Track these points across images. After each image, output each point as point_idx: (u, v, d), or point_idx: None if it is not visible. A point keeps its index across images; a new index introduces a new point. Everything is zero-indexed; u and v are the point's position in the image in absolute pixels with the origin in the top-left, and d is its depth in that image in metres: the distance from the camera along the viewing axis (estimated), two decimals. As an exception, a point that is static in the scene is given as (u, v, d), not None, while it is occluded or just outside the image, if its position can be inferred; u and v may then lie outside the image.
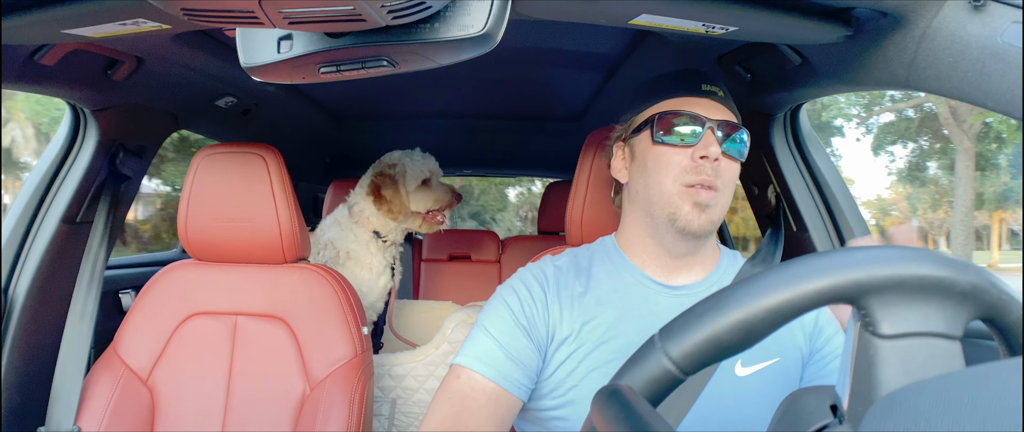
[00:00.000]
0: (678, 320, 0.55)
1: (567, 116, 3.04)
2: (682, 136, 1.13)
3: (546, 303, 1.17)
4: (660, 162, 1.14)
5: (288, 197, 1.64)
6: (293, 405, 1.57)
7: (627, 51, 1.96)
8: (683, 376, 0.55)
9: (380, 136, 3.44)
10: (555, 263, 1.25)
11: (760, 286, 0.52)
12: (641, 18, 1.11)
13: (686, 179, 1.11)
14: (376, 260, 2.41)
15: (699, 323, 0.53)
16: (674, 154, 1.13)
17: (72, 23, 1.14)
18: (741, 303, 0.52)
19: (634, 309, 1.15)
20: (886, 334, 0.49)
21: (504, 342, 1.13)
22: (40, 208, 1.75)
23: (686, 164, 1.12)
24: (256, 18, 0.75)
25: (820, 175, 1.79)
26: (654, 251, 1.19)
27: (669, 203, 1.12)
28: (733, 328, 0.52)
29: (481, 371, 1.11)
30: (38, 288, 1.69)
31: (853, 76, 1.25)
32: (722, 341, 0.52)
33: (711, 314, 0.53)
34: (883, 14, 1.07)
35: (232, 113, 2.33)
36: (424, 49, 0.87)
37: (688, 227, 1.11)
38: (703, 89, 1.18)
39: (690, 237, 1.13)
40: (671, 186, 1.12)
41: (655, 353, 0.55)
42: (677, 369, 0.54)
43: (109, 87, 1.66)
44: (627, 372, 0.58)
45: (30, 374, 1.66)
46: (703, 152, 1.10)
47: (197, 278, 1.70)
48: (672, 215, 1.12)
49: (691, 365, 0.54)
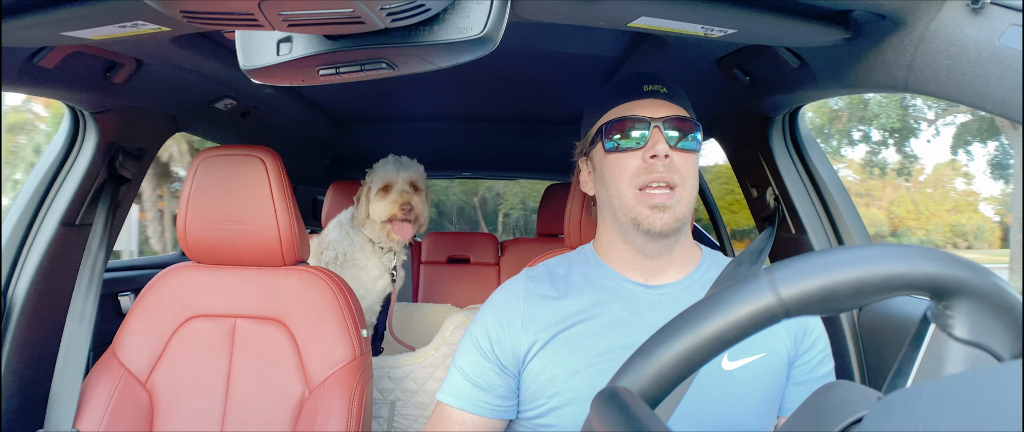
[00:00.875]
0: (795, 261, 0.55)
1: (566, 118, 3.04)
2: (631, 140, 1.15)
3: (513, 319, 1.20)
4: (614, 169, 1.17)
5: (287, 200, 1.64)
6: (292, 407, 1.57)
7: (626, 54, 1.96)
8: (785, 317, 0.54)
9: (379, 139, 3.44)
10: (529, 275, 1.27)
11: (878, 252, 0.52)
12: (640, 21, 1.11)
13: (639, 181, 1.13)
14: (372, 264, 2.42)
15: (817, 267, 0.53)
16: (626, 158, 1.15)
17: (71, 25, 1.14)
18: (859, 262, 0.52)
19: (615, 310, 1.17)
20: (962, 338, 0.50)
21: (472, 374, 1.20)
22: (39, 210, 1.75)
23: (638, 166, 1.14)
24: (255, 20, 0.75)
25: (819, 178, 1.79)
26: (628, 255, 1.21)
27: (629, 209, 1.14)
28: (846, 283, 0.52)
29: (456, 405, 1.20)
30: (37, 290, 1.69)
31: (851, 79, 1.26)
32: (834, 292, 0.52)
33: (831, 265, 0.53)
34: (881, 17, 1.07)
35: (231, 115, 2.33)
36: (423, 51, 0.87)
37: (652, 228, 1.12)
38: (645, 90, 1.19)
39: (658, 237, 1.15)
40: (627, 191, 1.15)
41: (763, 286, 0.54)
42: (782, 308, 0.53)
43: (109, 89, 1.66)
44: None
45: (29, 376, 1.66)
46: (652, 151, 1.12)
47: (196, 281, 1.70)
48: (635, 220, 1.14)
49: (797, 307, 0.53)
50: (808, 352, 1.17)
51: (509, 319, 1.19)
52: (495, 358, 1.18)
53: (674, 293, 1.18)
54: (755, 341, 1.13)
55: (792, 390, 1.17)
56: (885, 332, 1.54)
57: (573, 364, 1.12)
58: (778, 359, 1.14)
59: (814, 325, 1.19)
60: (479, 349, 1.20)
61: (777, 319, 0.53)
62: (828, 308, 0.53)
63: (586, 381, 1.10)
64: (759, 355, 1.12)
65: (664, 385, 0.56)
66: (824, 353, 1.19)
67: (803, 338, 1.17)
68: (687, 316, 0.56)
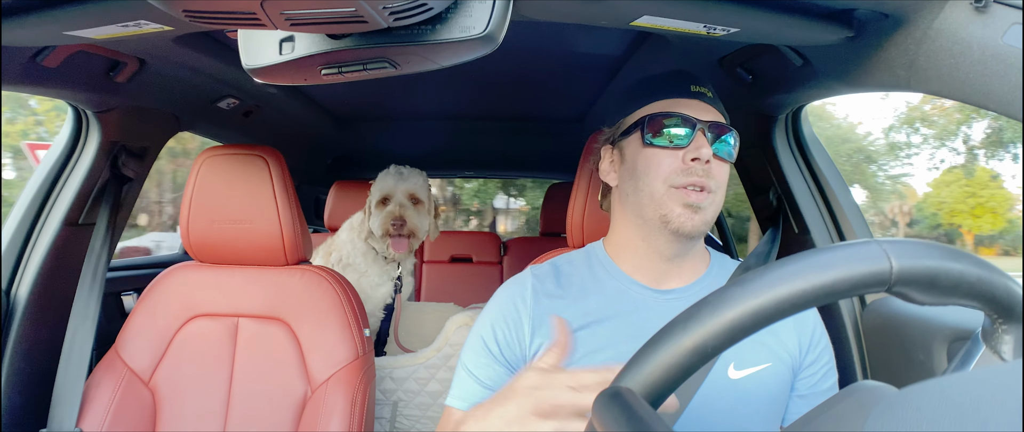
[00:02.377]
0: (914, 243, 0.55)
1: (568, 117, 3.04)
2: (672, 138, 1.12)
3: (520, 320, 1.17)
4: (651, 164, 1.13)
5: (290, 199, 1.64)
6: (294, 407, 1.57)
7: (628, 52, 1.96)
8: (888, 291, 0.53)
9: (382, 138, 3.44)
10: (535, 273, 1.24)
11: (956, 254, 0.52)
12: (642, 19, 1.11)
13: (677, 181, 1.10)
14: (373, 271, 2.41)
15: (937, 251, 0.53)
16: (665, 156, 1.12)
17: (74, 25, 1.14)
18: (961, 259, 0.52)
19: (623, 315, 1.15)
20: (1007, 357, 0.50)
21: (480, 375, 1.16)
22: (42, 210, 1.75)
23: (677, 166, 1.11)
24: (258, 19, 0.75)
25: (822, 177, 1.79)
26: (645, 254, 1.18)
27: (660, 205, 1.11)
28: (951, 273, 0.52)
29: (461, 407, 1.16)
30: (41, 290, 1.69)
31: (854, 77, 1.26)
32: (945, 278, 0.52)
33: (946, 250, 0.53)
34: (884, 15, 1.07)
35: (234, 115, 2.33)
36: (426, 50, 0.87)
37: (681, 228, 1.10)
38: (692, 90, 1.16)
39: (683, 238, 1.12)
40: (661, 188, 1.11)
41: (880, 256, 0.54)
42: (894, 278, 0.52)
43: (111, 89, 1.66)
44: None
45: (32, 375, 1.67)
46: (694, 154, 1.09)
47: (199, 280, 1.70)
48: (664, 217, 1.11)
49: (909, 280, 0.52)
50: (813, 364, 1.16)
51: (516, 319, 1.17)
52: (504, 360, 1.16)
53: (683, 299, 1.16)
54: (761, 351, 1.12)
55: (795, 402, 1.15)
56: (887, 332, 1.53)
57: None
58: (784, 369, 1.13)
59: (820, 337, 1.18)
60: (487, 351, 1.17)
61: (885, 286, 0.53)
62: (946, 294, 0.52)
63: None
64: (765, 365, 1.11)
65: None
66: (828, 366, 1.18)
67: (809, 350, 1.16)
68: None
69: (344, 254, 2.41)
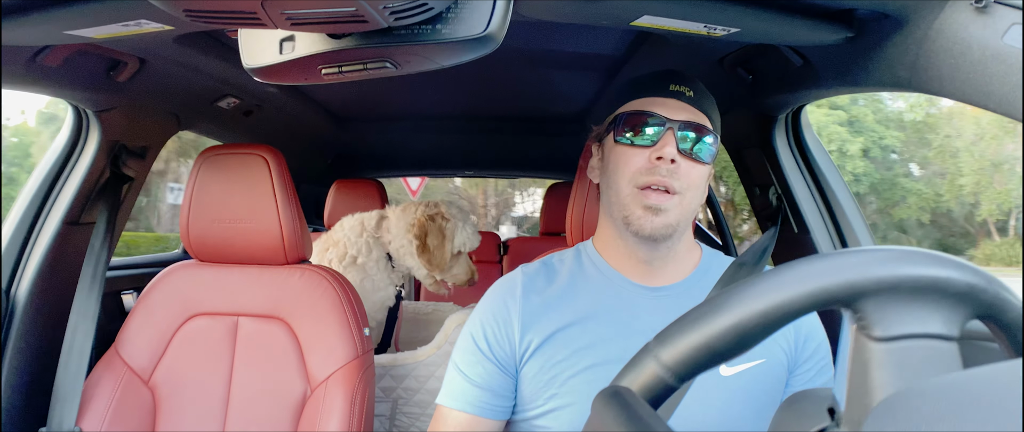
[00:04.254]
0: (672, 327, 0.55)
1: (569, 117, 3.04)
2: (641, 136, 1.12)
3: (509, 318, 1.17)
4: (619, 162, 1.13)
5: (290, 198, 1.64)
6: (294, 406, 1.57)
7: (629, 52, 1.96)
8: (677, 383, 0.54)
9: (382, 137, 3.44)
10: (525, 271, 1.25)
11: (753, 291, 0.52)
12: (643, 19, 1.11)
13: (640, 181, 1.10)
14: (380, 276, 2.41)
15: (692, 329, 0.53)
16: (633, 154, 1.12)
17: (74, 24, 1.14)
18: (734, 309, 0.52)
19: (613, 312, 1.15)
20: (880, 336, 0.49)
21: (470, 373, 1.17)
22: (42, 209, 1.75)
23: (642, 165, 1.10)
24: (258, 19, 0.75)
25: (822, 177, 1.79)
26: (625, 252, 1.18)
27: (624, 206, 1.12)
28: (726, 333, 0.51)
29: (452, 405, 1.17)
30: (40, 289, 1.69)
31: (855, 77, 1.26)
32: (714, 347, 0.52)
33: (704, 320, 0.53)
34: (885, 15, 1.07)
35: (234, 114, 2.33)
36: (426, 50, 0.87)
37: (640, 231, 1.10)
38: (671, 89, 1.16)
39: (647, 241, 1.12)
40: (625, 187, 1.11)
41: (649, 359, 0.55)
42: (671, 376, 0.54)
43: (112, 88, 1.66)
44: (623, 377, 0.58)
45: (32, 375, 1.67)
46: (659, 153, 1.09)
47: (199, 279, 1.70)
48: (626, 218, 1.11)
49: (685, 371, 0.54)
50: (808, 361, 1.15)
51: (506, 317, 1.18)
52: (494, 357, 1.16)
53: (673, 296, 1.17)
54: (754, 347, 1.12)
55: None
56: None
57: (572, 366, 1.10)
58: (777, 365, 1.13)
59: (816, 333, 1.17)
60: (478, 349, 1.18)
61: (672, 389, 0.55)
62: (720, 360, 0.53)
63: (585, 384, 1.09)
64: (758, 361, 1.11)
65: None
66: (824, 362, 1.17)
67: (804, 345, 1.15)
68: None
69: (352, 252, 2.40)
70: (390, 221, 2.42)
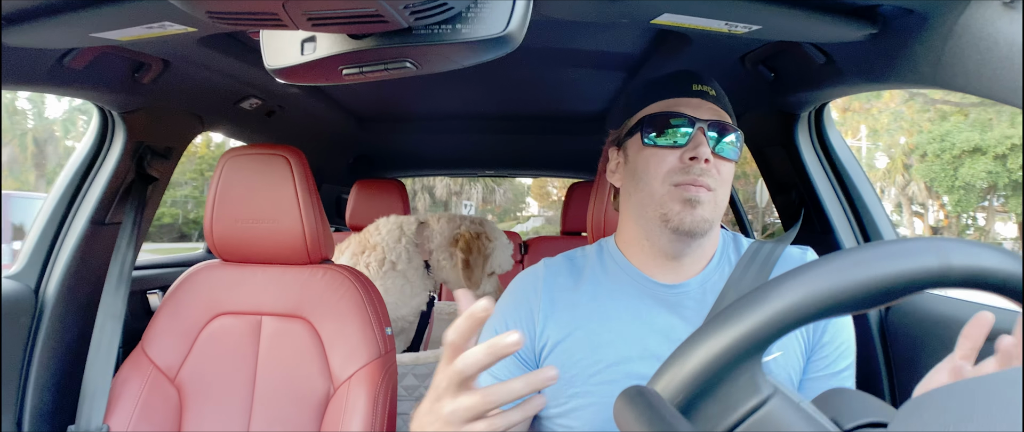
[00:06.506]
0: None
1: (588, 116, 3.03)
2: (672, 137, 1.11)
3: (531, 312, 1.17)
4: (649, 164, 1.12)
5: (312, 198, 1.65)
6: (317, 405, 1.58)
7: (649, 51, 1.95)
8: None
9: (402, 137, 3.45)
10: (548, 265, 1.24)
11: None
12: (663, 17, 1.11)
13: (675, 179, 1.09)
14: (416, 283, 2.43)
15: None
16: (664, 155, 1.11)
17: (100, 26, 1.16)
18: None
19: (633, 310, 1.14)
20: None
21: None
22: (70, 210, 1.78)
23: (675, 165, 1.10)
24: (280, 20, 0.76)
25: (846, 175, 1.77)
26: (650, 252, 1.17)
27: (660, 203, 1.10)
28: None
29: None
30: (68, 288, 1.72)
31: (879, 74, 1.24)
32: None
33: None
34: (909, 11, 1.06)
35: (256, 115, 2.35)
36: (446, 50, 0.87)
37: (681, 226, 1.09)
38: (694, 89, 1.15)
39: (685, 236, 1.11)
40: (661, 187, 1.11)
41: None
42: None
43: (137, 90, 1.68)
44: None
45: (61, 373, 1.69)
46: (693, 153, 1.08)
47: (223, 278, 1.72)
48: (664, 215, 1.10)
49: None
50: (826, 345, 1.13)
51: (527, 311, 1.17)
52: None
53: (692, 293, 1.16)
54: None
55: (807, 385, 1.13)
56: (914, 332, 1.51)
57: (593, 365, 1.10)
58: (793, 356, 1.11)
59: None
60: None
61: None
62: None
63: (606, 383, 1.08)
64: (775, 354, 1.10)
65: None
66: (844, 347, 1.15)
67: (823, 332, 1.14)
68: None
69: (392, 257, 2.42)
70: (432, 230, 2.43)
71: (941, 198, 19.14)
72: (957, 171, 17.95)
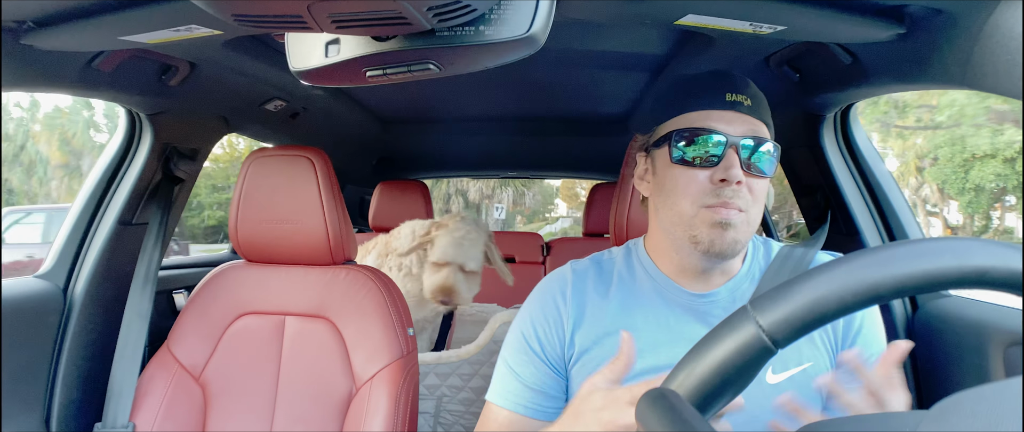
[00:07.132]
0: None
1: (612, 118, 3.02)
2: (701, 156, 1.05)
3: (560, 318, 1.16)
4: (678, 183, 1.07)
5: (335, 199, 1.66)
6: (339, 404, 1.59)
7: (672, 52, 1.94)
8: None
9: (425, 139, 3.47)
10: (575, 269, 1.22)
11: None
12: (687, 18, 1.10)
13: (705, 202, 1.04)
14: None
15: None
16: (693, 175, 1.06)
17: (129, 29, 1.17)
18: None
19: (662, 318, 1.12)
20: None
21: (522, 373, 1.16)
22: (98, 210, 1.80)
23: (705, 186, 1.05)
24: (304, 22, 0.76)
25: (872, 177, 1.74)
26: (679, 263, 1.14)
27: (689, 225, 1.06)
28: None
29: (502, 404, 1.17)
30: (96, 288, 1.74)
31: (906, 75, 1.22)
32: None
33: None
34: (937, 11, 1.04)
35: (281, 116, 2.37)
36: (469, 52, 0.87)
37: (710, 249, 1.04)
38: (727, 99, 1.07)
39: (714, 257, 1.07)
40: (689, 208, 1.06)
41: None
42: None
43: (164, 92, 1.70)
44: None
45: (88, 371, 1.72)
46: (723, 175, 1.03)
47: (247, 278, 1.73)
48: (693, 237, 1.06)
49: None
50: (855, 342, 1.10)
51: (556, 316, 1.16)
52: (545, 357, 1.15)
53: (720, 300, 1.13)
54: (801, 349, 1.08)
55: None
56: (939, 336, 1.49)
57: None
58: (823, 363, 1.09)
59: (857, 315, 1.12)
60: (529, 348, 1.16)
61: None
62: None
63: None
64: (805, 365, 1.07)
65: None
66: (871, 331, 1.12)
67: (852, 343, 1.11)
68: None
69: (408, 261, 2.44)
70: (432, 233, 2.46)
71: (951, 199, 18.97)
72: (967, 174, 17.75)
